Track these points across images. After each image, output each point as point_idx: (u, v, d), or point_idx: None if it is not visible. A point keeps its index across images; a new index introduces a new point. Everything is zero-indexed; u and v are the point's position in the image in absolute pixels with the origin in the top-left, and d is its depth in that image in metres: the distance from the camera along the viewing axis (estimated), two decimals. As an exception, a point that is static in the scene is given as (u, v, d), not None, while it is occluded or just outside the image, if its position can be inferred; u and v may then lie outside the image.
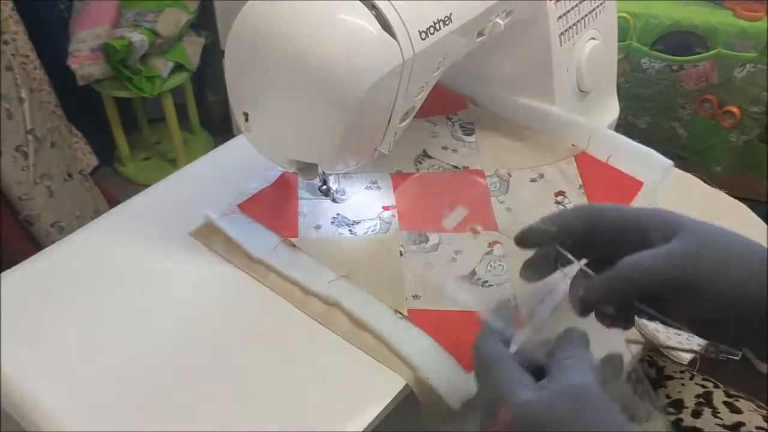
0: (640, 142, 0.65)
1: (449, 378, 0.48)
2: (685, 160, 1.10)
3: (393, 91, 0.51)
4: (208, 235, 0.59)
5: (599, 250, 0.45)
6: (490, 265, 0.56)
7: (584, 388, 0.37)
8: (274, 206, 0.61)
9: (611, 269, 0.42)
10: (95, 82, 1.68)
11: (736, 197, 0.76)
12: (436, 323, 0.52)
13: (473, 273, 0.56)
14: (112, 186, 1.82)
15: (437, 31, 0.51)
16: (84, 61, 1.64)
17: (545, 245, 0.47)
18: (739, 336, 0.43)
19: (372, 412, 0.47)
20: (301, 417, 0.47)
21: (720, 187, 0.76)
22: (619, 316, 0.45)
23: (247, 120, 0.53)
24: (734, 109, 1.00)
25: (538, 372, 0.40)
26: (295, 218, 0.60)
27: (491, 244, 0.58)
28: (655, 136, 1.10)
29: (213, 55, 1.88)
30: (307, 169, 0.58)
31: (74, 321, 0.53)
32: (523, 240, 0.47)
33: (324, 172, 0.61)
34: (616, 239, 0.44)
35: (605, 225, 0.44)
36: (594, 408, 0.36)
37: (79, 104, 1.71)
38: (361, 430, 0.46)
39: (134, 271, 0.57)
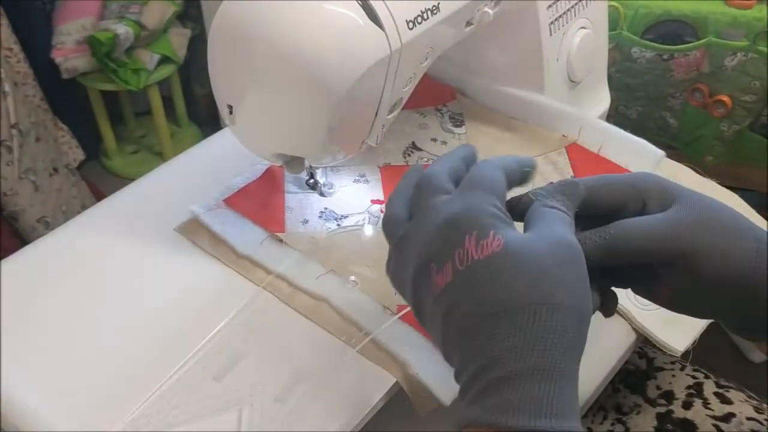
0: (631, 132, 0.65)
1: (439, 374, 0.47)
2: (675, 150, 1.10)
3: (380, 83, 0.50)
4: (194, 230, 0.58)
5: (592, 220, 0.43)
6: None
7: (574, 245, 0.35)
8: (260, 201, 0.60)
9: (605, 228, 0.40)
10: (80, 76, 1.66)
11: (727, 187, 0.76)
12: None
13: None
14: (99, 180, 1.80)
15: (425, 20, 0.50)
16: (68, 54, 1.62)
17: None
18: (716, 310, 0.43)
19: (361, 410, 0.46)
20: (287, 416, 0.46)
21: (711, 177, 0.76)
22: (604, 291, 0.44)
23: (231, 113, 0.52)
24: (725, 99, 0.99)
25: None
26: (281, 213, 0.59)
27: (481, 238, 0.57)
28: (645, 126, 1.09)
29: (200, 47, 1.86)
30: (294, 162, 0.57)
31: (58, 318, 0.52)
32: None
33: (311, 166, 0.60)
34: (610, 207, 0.42)
35: (597, 197, 0.42)
36: (581, 269, 0.35)
37: (65, 98, 1.69)
38: (350, 430, 0.45)
39: (119, 268, 0.56)
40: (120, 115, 1.98)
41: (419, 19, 0.49)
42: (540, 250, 0.34)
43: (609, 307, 0.44)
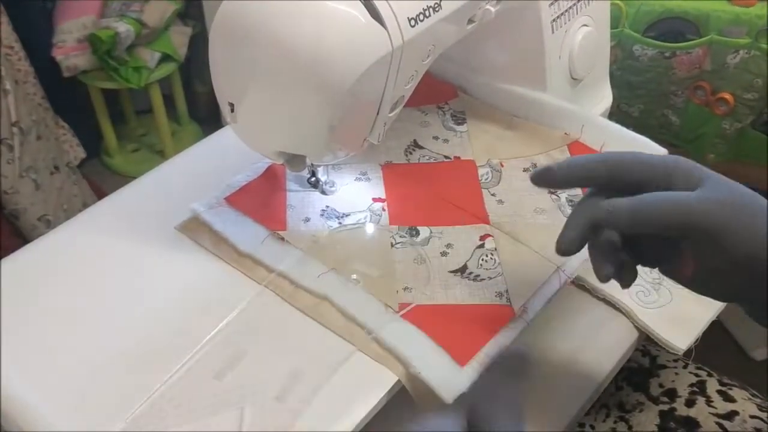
0: (633, 130, 0.64)
1: (442, 372, 0.47)
2: (677, 148, 1.10)
3: (382, 80, 0.50)
4: (195, 229, 0.58)
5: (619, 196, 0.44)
6: (482, 259, 0.56)
7: None
8: (261, 199, 0.60)
9: (638, 196, 0.42)
10: (81, 74, 1.66)
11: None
12: (427, 317, 0.51)
13: (465, 267, 0.55)
14: (100, 178, 1.80)
15: (427, 18, 0.50)
16: (69, 52, 1.62)
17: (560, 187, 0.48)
18: (735, 292, 0.44)
19: (362, 409, 0.46)
20: (289, 414, 0.46)
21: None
22: (624, 263, 0.46)
23: (232, 111, 0.52)
24: (727, 96, 0.99)
25: None
26: (283, 211, 0.59)
27: (483, 237, 0.57)
28: (647, 124, 1.09)
29: (201, 45, 1.86)
30: (295, 160, 0.56)
31: (59, 317, 0.52)
32: (540, 178, 0.47)
33: (312, 164, 0.59)
34: (638, 183, 0.43)
35: (628, 169, 0.44)
36: None
37: (66, 96, 1.69)
38: (351, 429, 0.45)
39: (120, 266, 0.56)
40: (121, 114, 1.98)
41: (421, 17, 0.49)
42: None
43: (627, 280, 0.46)
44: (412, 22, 0.49)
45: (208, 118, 2.02)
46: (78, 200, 1.53)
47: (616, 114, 1.09)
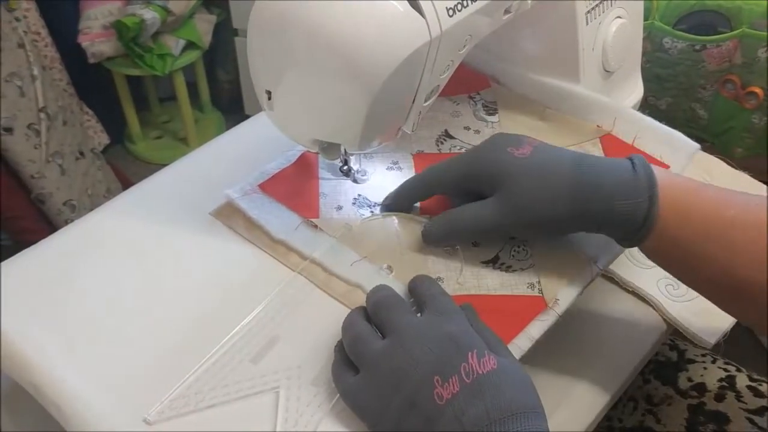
0: (661, 123, 0.64)
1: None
2: (705, 142, 1.09)
3: (419, 70, 0.50)
4: (229, 214, 0.58)
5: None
6: (514, 250, 0.56)
7: None
8: (294, 186, 0.60)
9: (447, 217, 0.53)
10: (106, 60, 1.68)
11: (757, 180, 0.75)
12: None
13: (497, 258, 0.55)
14: (123, 164, 1.82)
15: (465, 8, 0.50)
16: (95, 38, 1.63)
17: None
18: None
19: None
20: (324, 399, 0.46)
21: (742, 170, 0.75)
22: None
23: (269, 98, 0.52)
24: (757, 90, 0.98)
25: None
26: (316, 199, 0.59)
27: (515, 227, 0.57)
28: (675, 118, 1.08)
29: (225, 33, 1.86)
30: (330, 149, 0.57)
31: (96, 301, 0.53)
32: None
33: (345, 152, 0.60)
34: (454, 189, 0.55)
35: (438, 187, 0.56)
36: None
37: (91, 82, 1.71)
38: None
39: (155, 250, 0.57)
40: (144, 100, 1.99)
41: (459, 7, 0.49)
42: (520, 371, 0.42)
43: None
44: (451, 12, 0.49)
45: (231, 106, 2.03)
46: (102, 186, 1.55)
47: (643, 107, 1.08)
